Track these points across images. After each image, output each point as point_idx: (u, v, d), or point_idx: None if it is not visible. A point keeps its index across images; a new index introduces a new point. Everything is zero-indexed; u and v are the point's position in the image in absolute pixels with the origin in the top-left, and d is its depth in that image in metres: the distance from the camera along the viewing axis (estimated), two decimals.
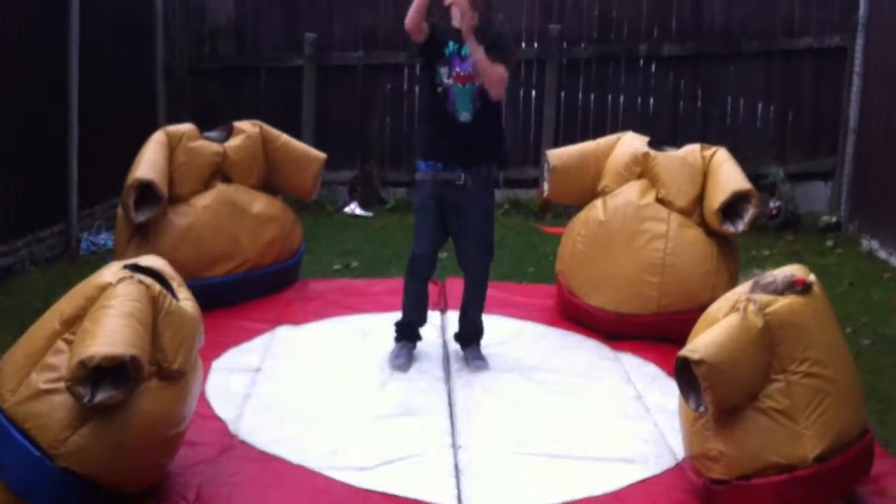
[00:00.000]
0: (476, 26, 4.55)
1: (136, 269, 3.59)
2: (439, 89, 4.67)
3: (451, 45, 4.63)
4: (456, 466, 3.87)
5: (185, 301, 3.69)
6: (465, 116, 4.66)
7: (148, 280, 3.46)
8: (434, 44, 4.64)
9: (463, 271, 4.97)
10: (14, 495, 3.25)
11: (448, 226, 4.81)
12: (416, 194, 4.91)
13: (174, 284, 3.72)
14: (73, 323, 3.34)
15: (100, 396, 3.13)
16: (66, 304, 3.45)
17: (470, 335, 4.95)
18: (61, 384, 3.18)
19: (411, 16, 4.53)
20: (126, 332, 3.20)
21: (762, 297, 3.58)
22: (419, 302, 4.94)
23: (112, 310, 3.27)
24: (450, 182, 4.69)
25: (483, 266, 4.90)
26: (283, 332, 5.27)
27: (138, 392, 3.25)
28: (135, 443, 3.27)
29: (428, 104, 4.84)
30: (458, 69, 4.64)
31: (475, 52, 4.54)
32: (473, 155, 4.70)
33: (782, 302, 3.56)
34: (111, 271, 3.51)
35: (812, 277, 3.71)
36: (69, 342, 3.29)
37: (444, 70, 4.65)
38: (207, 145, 5.84)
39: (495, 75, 4.59)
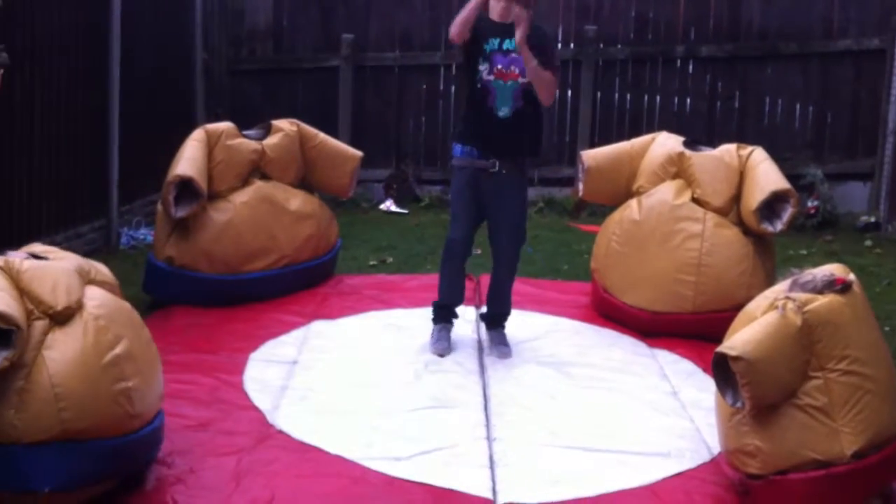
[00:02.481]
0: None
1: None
2: (479, 85, 4.70)
3: (493, 41, 4.66)
4: (491, 458, 3.89)
5: (57, 260, 3.65)
6: (504, 112, 4.71)
7: None
8: (475, 39, 4.65)
9: (493, 254, 5.03)
10: (14, 494, 3.27)
11: (483, 209, 4.89)
12: (453, 180, 5.00)
13: (49, 256, 3.69)
14: None
15: None
16: None
17: (497, 315, 5.03)
18: None
19: (458, 28, 4.58)
20: None
21: (801, 296, 3.58)
22: (455, 283, 5.01)
23: None
24: (484, 169, 4.77)
25: (514, 248, 4.96)
26: (319, 326, 5.32)
27: (46, 348, 3.29)
28: (72, 386, 3.26)
29: (468, 98, 4.88)
30: (499, 65, 4.67)
31: (529, 61, 4.57)
32: (509, 149, 4.77)
33: (821, 301, 3.55)
34: None
35: (852, 276, 3.70)
36: None
37: (484, 66, 4.68)
38: (246, 143, 5.91)
39: (546, 82, 4.64)
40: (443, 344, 4.93)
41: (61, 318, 3.38)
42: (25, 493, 3.25)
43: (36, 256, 3.64)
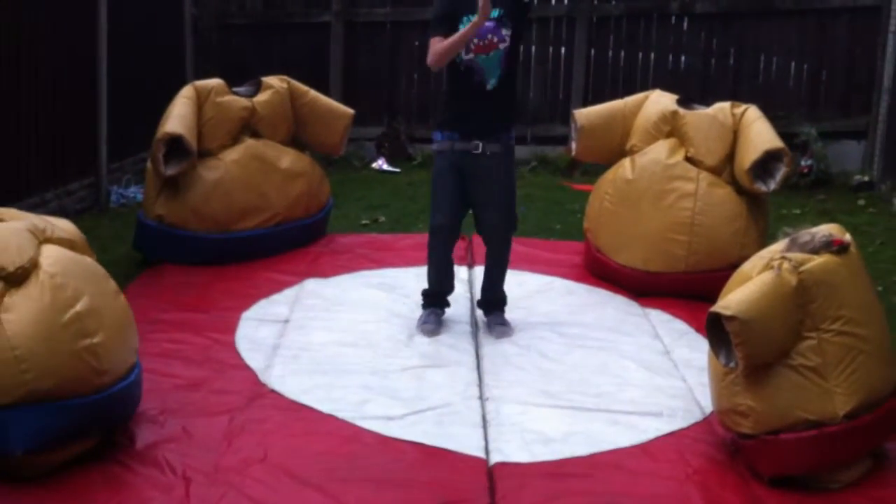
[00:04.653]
0: None
1: None
2: (461, 67, 4.51)
3: (466, 20, 4.44)
4: (483, 417, 3.89)
5: (9, 220, 3.58)
6: (492, 84, 4.53)
7: None
8: (452, 14, 4.47)
9: (484, 241, 4.83)
10: None
11: (468, 195, 4.67)
12: (435, 164, 4.77)
13: (4, 217, 3.61)
14: None
15: None
16: None
17: (492, 301, 4.85)
18: None
19: (440, 61, 4.46)
20: None
21: (797, 256, 3.56)
22: (444, 272, 4.81)
23: None
24: (467, 151, 4.57)
25: (505, 236, 4.77)
26: (312, 285, 5.30)
27: (3, 310, 3.24)
28: (34, 348, 3.21)
29: (452, 79, 4.63)
30: (476, 41, 4.47)
31: None
32: (495, 124, 4.58)
33: (817, 261, 3.53)
34: None
35: (848, 237, 3.68)
36: None
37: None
38: (236, 100, 5.85)
39: None
40: (430, 326, 4.70)
41: (15, 279, 3.32)
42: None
43: None
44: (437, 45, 4.48)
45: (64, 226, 3.72)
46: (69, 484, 3.32)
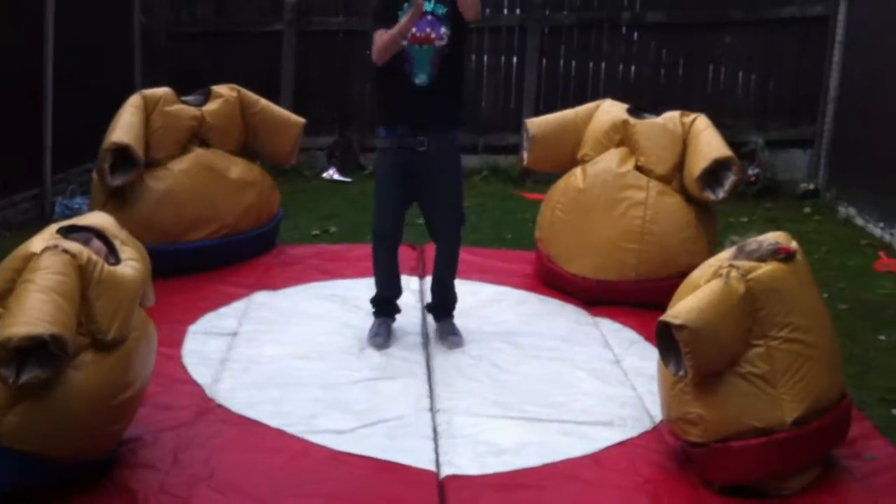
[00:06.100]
0: None
1: (75, 229, 3.47)
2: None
3: (407, 7, 4.42)
4: (434, 430, 3.87)
5: (128, 262, 3.51)
6: (421, 79, 4.47)
7: (75, 248, 3.26)
8: (390, 7, 4.46)
9: (433, 240, 4.84)
10: None
11: (414, 194, 4.65)
12: (379, 164, 4.74)
13: (117, 243, 3.57)
14: (4, 297, 3.18)
15: (25, 377, 3.00)
16: None
17: (443, 305, 4.83)
18: None
19: (384, 55, 4.41)
20: (46, 308, 3.04)
21: (745, 264, 3.59)
22: (391, 276, 4.78)
23: (33, 285, 3.11)
24: (412, 147, 4.52)
25: (454, 233, 4.74)
26: (261, 297, 5.24)
27: (73, 366, 3.16)
28: (76, 416, 3.16)
29: (382, 67, 4.54)
30: (413, 30, 4.42)
31: None
32: (430, 119, 4.49)
33: (765, 268, 3.56)
34: (41, 238, 3.34)
35: (795, 245, 3.72)
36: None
37: None
38: (185, 109, 5.78)
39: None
40: (380, 339, 4.65)
41: (103, 346, 3.27)
42: None
43: (102, 237, 3.49)
44: (380, 39, 4.44)
45: (144, 266, 3.60)
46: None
